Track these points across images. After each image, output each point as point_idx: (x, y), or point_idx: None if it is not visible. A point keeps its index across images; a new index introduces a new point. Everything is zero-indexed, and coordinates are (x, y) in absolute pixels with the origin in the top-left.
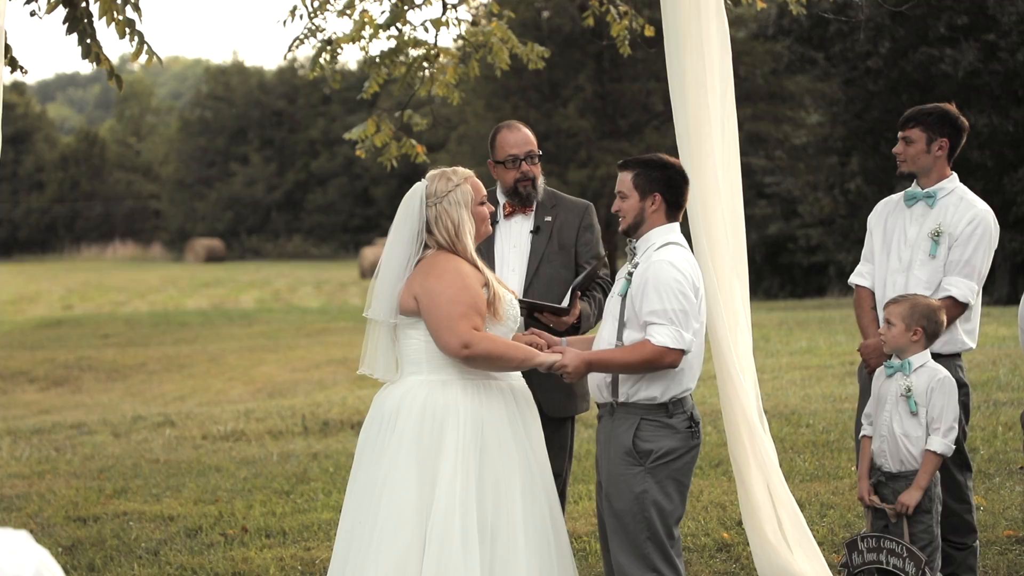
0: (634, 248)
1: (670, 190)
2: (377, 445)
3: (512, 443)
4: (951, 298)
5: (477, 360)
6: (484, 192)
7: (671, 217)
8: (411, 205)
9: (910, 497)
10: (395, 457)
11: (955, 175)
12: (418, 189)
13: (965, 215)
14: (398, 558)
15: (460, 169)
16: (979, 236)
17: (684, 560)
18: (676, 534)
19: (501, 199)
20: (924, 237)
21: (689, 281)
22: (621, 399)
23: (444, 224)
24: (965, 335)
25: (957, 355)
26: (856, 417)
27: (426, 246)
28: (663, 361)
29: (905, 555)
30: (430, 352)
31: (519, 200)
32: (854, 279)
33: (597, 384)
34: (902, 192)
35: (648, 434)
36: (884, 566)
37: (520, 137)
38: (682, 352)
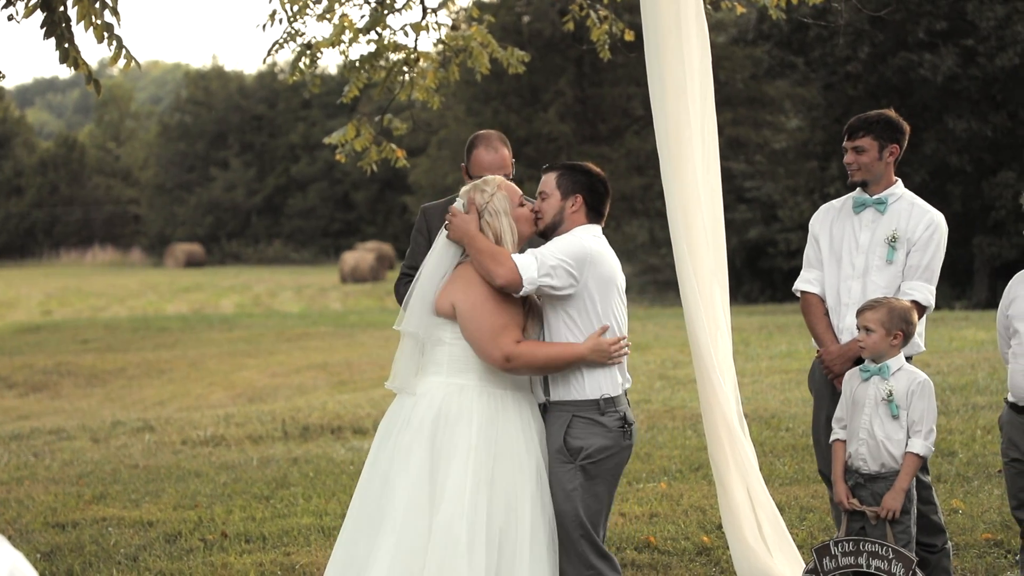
0: None
1: (592, 194)
2: (391, 443)
3: (524, 453)
4: (914, 302)
5: (520, 370)
6: (519, 193)
7: (592, 220)
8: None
9: (894, 501)
10: (407, 457)
11: (900, 180)
12: (454, 207)
13: (921, 220)
14: (403, 558)
15: (490, 178)
16: (936, 241)
17: (663, 564)
18: (603, 533)
19: None
20: (879, 243)
21: (590, 252)
22: (553, 398)
23: (487, 235)
24: (918, 338)
25: (909, 358)
26: (815, 422)
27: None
28: (496, 269)
29: (891, 557)
30: (453, 355)
31: None
32: (801, 286)
33: (533, 385)
34: (845, 198)
35: (579, 431)
36: (865, 569)
37: (495, 159)
38: (518, 280)
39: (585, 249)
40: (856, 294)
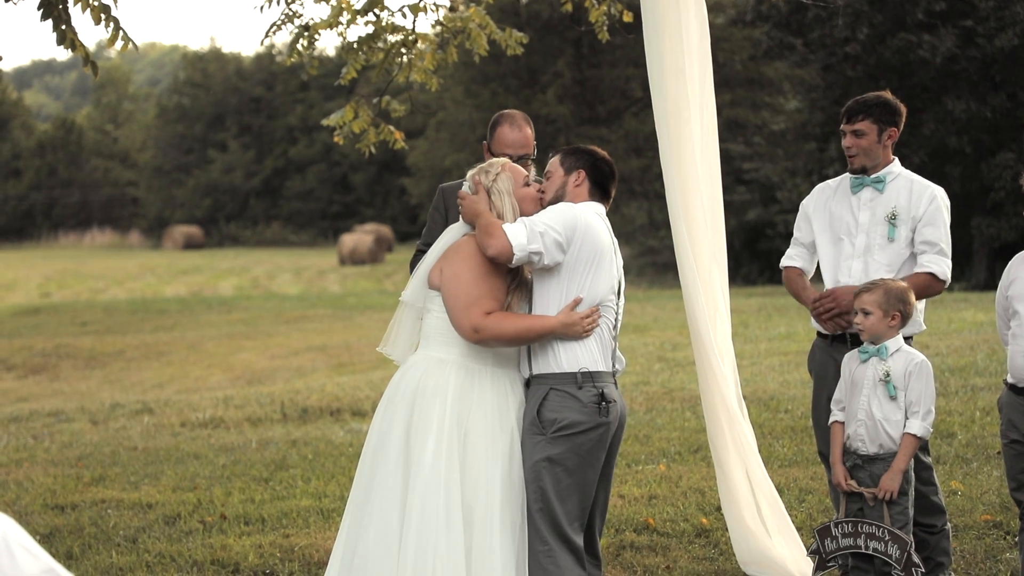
0: None
1: (596, 171)
2: (379, 420)
3: (498, 430)
4: (931, 275)
5: (489, 342)
6: (524, 173)
7: (594, 198)
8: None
9: (892, 482)
10: (388, 433)
11: (896, 159)
12: (462, 191)
13: (923, 196)
14: (382, 533)
15: (494, 160)
16: (944, 214)
17: (662, 546)
18: (577, 516)
19: None
20: (879, 221)
21: (579, 225)
22: (534, 371)
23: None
24: (919, 315)
25: (910, 338)
26: (815, 403)
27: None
28: (488, 240)
29: (887, 538)
30: (439, 328)
31: None
32: (784, 262)
33: (520, 359)
34: (841, 177)
35: (554, 404)
36: (863, 551)
37: (519, 137)
38: (509, 248)
39: (576, 217)
40: (857, 273)
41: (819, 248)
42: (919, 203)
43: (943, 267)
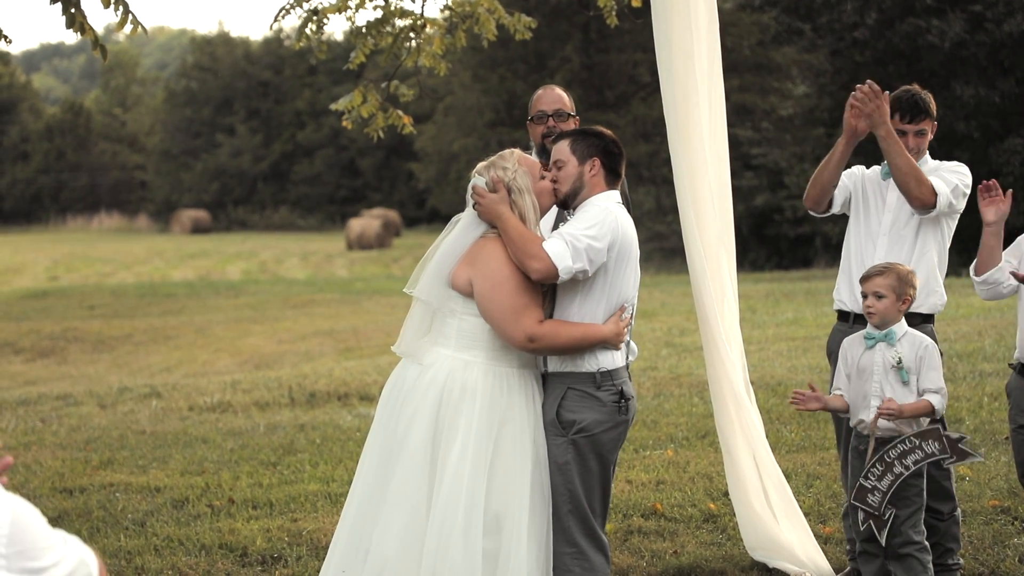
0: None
1: (608, 156)
2: (394, 415)
3: (527, 433)
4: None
5: (542, 351)
6: (539, 165)
7: (611, 185)
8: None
9: (896, 407)
10: (408, 430)
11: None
12: (479, 187)
13: (944, 163)
14: (404, 535)
15: (505, 153)
16: (960, 172)
17: (670, 531)
18: (601, 513)
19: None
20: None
21: (617, 228)
22: (551, 369)
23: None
24: (939, 294)
25: (932, 317)
26: (831, 383)
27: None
28: (531, 263)
29: (919, 443)
30: (462, 330)
31: (547, 157)
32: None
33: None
34: (876, 167)
35: (573, 404)
36: (908, 472)
37: (551, 96)
38: (554, 270)
39: (613, 223)
40: (882, 251)
41: (850, 218)
42: (941, 167)
43: (941, 185)
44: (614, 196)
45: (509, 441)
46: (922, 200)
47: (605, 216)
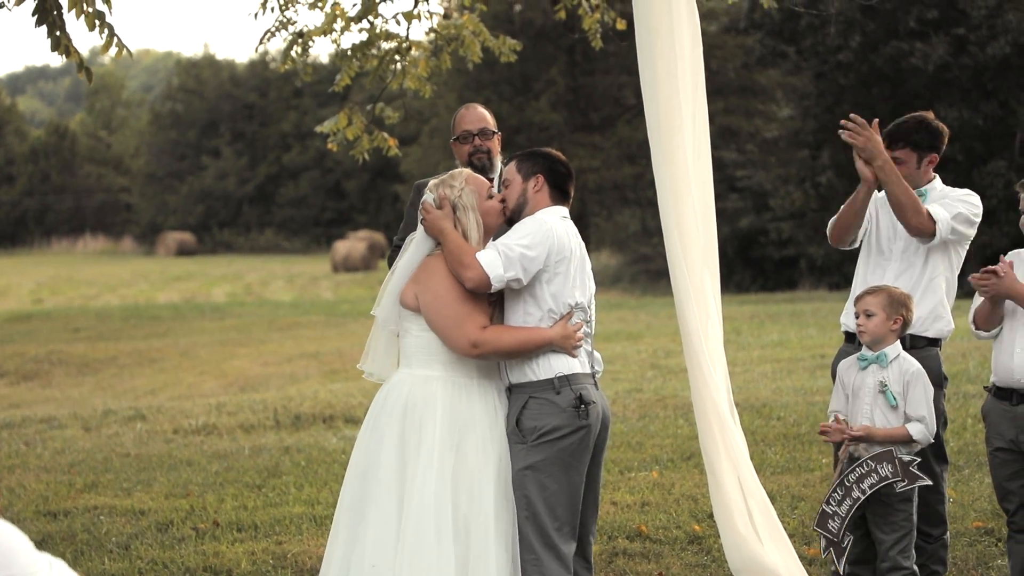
0: None
1: (553, 174)
2: (367, 437)
3: (489, 440)
4: (929, 215)
5: (488, 356)
6: (488, 185)
7: (556, 201)
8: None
9: (865, 431)
10: (378, 450)
11: (937, 176)
12: (427, 203)
13: (953, 191)
14: (377, 551)
15: (456, 172)
16: (966, 201)
17: (655, 553)
18: (568, 522)
19: None
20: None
21: (552, 238)
22: (513, 381)
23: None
24: (945, 320)
25: (940, 341)
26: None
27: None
28: (464, 272)
29: (873, 467)
30: (419, 347)
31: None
32: None
33: (500, 369)
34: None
35: (533, 412)
36: (865, 497)
37: (475, 115)
38: (486, 279)
39: (548, 233)
40: (891, 276)
41: (863, 244)
42: (948, 193)
43: (940, 211)
44: (558, 211)
45: (472, 449)
46: (919, 229)
47: (539, 227)
